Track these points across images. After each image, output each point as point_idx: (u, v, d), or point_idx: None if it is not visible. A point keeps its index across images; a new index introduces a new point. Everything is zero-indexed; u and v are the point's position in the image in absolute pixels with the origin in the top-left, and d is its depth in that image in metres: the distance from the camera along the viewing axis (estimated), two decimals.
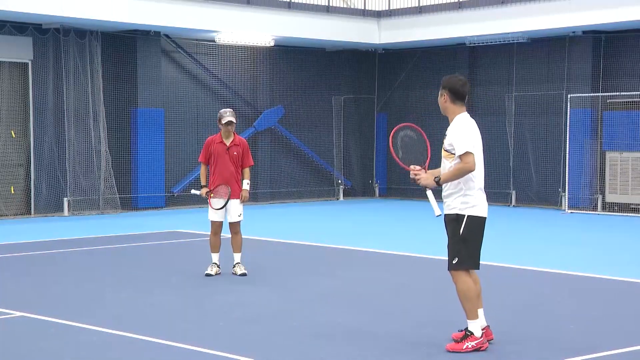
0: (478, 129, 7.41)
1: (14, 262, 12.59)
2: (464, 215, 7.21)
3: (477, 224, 7.24)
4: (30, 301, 9.49)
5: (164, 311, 9.01)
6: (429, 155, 7.47)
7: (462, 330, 7.47)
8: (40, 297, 9.81)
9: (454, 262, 7.27)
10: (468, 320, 7.29)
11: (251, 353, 7.24)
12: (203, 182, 11.24)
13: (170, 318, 8.66)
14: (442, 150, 7.36)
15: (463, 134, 7.19)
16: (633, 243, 15.04)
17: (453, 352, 7.21)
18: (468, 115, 7.41)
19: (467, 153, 7.12)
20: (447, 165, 7.31)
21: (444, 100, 7.36)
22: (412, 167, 7.41)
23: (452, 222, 7.28)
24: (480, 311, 7.45)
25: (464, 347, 7.20)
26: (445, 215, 7.34)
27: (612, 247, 14.48)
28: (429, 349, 7.44)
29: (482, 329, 7.40)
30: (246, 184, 11.11)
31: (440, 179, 7.22)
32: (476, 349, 7.23)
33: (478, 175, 7.27)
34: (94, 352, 7.34)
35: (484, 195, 7.38)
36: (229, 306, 9.26)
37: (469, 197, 7.22)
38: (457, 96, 7.34)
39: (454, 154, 7.23)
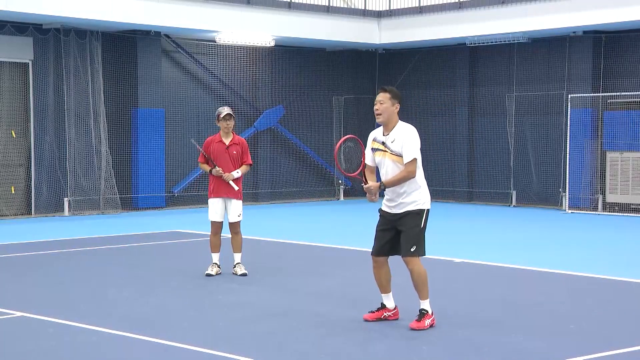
0: None
1: (14, 262, 12.59)
2: (425, 210, 8.08)
3: (428, 215, 8.16)
4: (30, 301, 9.49)
5: (164, 311, 9.01)
6: (363, 160, 8.29)
7: (374, 311, 8.38)
8: (40, 297, 9.81)
9: (412, 249, 8.04)
10: (422, 301, 8.09)
11: (251, 353, 7.24)
12: (211, 166, 11.05)
13: (170, 318, 8.66)
14: (389, 153, 8.05)
15: (415, 142, 8.01)
16: (633, 243, 15.04)
17: (417, 329, 7.94)
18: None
19: (413, 160, 7.95)
20: (394, 167, 8.06)
21: (395, 108, 8.18)
22: (365, 186, 8.17)
23: (415, 216, 8.04)
24: (391, 294, 8.37)
25: (426, 324, 8.02)
26: (407, 211, 8.03)
27: (612, 247, 14.48)
28: (429, 347, 7.44)
29: (393, 310, 8.37)
30: (236, 172, 11.02)
31: (385, 186, 8.06)
32: (432, 325, 8.05)
33: (423, 173, 8.16)
34: (94, 352, 7.34)
35: None
36: (229, 306, 9.26)
37: (426, 193, 8.15)
38: (400, 107, 8.24)
39: (401, 156, 8.02)
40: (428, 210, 8.11)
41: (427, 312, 8.06)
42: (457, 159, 23.13)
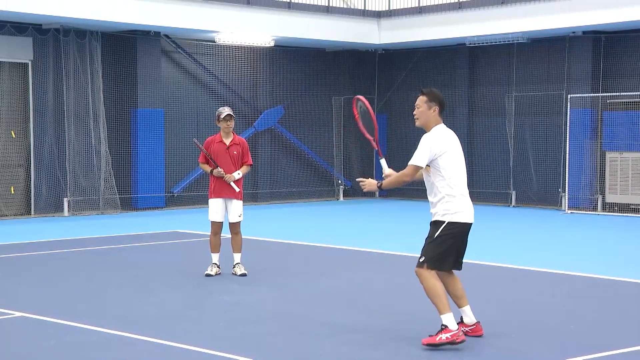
0: (456, 139, 7.68)
1: (14, 262, 12.59)
2: (444, 221, 7.50)
3: (456, 229, 7.52)
4: (30, 301, 9.49)
5: (164, 311, 9.01)
6: (376, 129, 8.00)
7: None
8: (40, 297, 9.81)
9: (420, 260, 7.53)
10: (441, 316, 7.44)
11: (251, 353, 7.24)
12: (212, 167, 11.01)
13: (170, 318, 8.66)
14: None
15: (424, 147, 7.48)
16: (633, 243, 15.04)
17: (428, 345, 7.37)
18: (444, 126, 7.70)
19: (411, 165, 7.49)
20: (425, 176, 7.64)
21: (432, 112, 7.61)
22: (358, 179, 7.95)
23: (433, 226, 7.59)
24: (467, 308, 7.76)
25: (437, 338, 7.38)
26: (431, 221, 7.62)
27: (612, 247, 14.48)
28: (429, 348, 7.43)
29: (472, 325, 7.73)
30: (237, 173, 11.03)
31: (382, 185, 7.69)
32: (450, 342, 7.34)
33: (458, 183, 7.54)
34: (94, 352, 7.34)
35: (467, 201, 7.61)
36: (228, 306, 9.26)
37: (450, 204, 7.49)
38: (442, 110, 7.69)
39: (429, 165, 7.54)
40: (452, 223, 7.45)
41: (446, 326, 7.39)
42: None
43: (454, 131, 7.87)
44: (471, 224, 7.61)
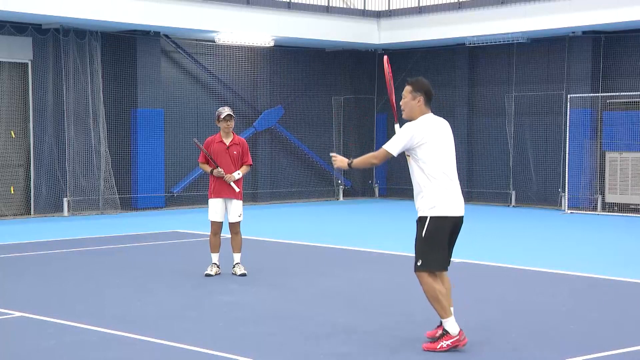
0: (446, 128, 7.45)
1: (14, 262, 12.59)
2: (427, 217, 7.24)
3: (441, 224, 7.22)
4: (30, 301, 9.49)
5: (163, 311, 9.01)
6: (392, 96, 7.73)
7: (437, 327, 7.55)
8: (40, 297, 9.81)
9: (417, 263, 7.30)
10: (442, 320, 7.30)
11: (251, 353, 7.24)
12: (212, 167, 11.01)
13: (170, 318, 8.65)
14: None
15: (400, 135, 7.25)
16: (633, 243, 15.03)
17: (428, 351, 7.26)
18: (432, 115, 7.44)
19: (383, 150, 7.28)
20: (409, 167, 7.42)
21: (417, 102, 7.37)
22: (331, 153, 7.83)
23: (418, 223, 7.35)
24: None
25: (438, 346, 7.24)
26: (417, 217, 7.41)
27: (612, 247, 14.48)
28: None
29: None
30: (237, 173, 11.02)
31: (352, 163, 7.47)
32: (452, 347, 7.23)
33: (439, 175, 7.26)
34: (93, 352, 7.34)
35: (451, 194, 7.28)
36: (228, 306, 9.26)
37: (430, 198, 7.23)
38: (429, 99, 7.43)
39: (409, 155, 7.33)
40: (436, 218, 7.19)
41: (447, 332, 7.23)
42: (456, 158, 23.09)
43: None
44: (459, 217, 7.31)
